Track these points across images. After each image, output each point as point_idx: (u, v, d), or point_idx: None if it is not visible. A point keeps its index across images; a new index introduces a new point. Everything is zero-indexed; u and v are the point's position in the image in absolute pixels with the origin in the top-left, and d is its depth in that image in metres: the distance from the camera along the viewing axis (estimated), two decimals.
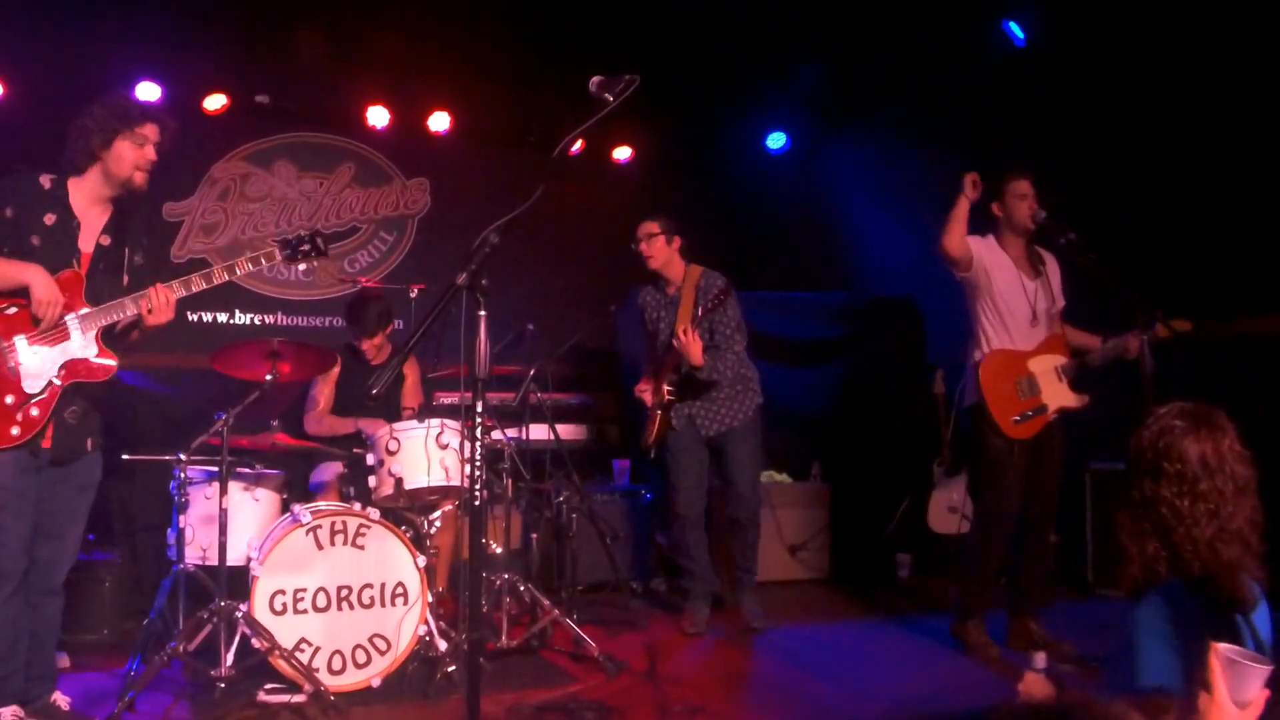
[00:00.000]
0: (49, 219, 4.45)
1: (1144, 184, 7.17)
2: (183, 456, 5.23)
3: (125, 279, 4.60)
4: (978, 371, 5.97)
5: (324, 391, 6.51)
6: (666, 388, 6.58)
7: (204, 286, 4.58)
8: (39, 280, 4.29)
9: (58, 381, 4.35)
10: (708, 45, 8.76)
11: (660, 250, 6.69)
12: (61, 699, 4.71)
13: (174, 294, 4.48)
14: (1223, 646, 2.19)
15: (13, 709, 4.39)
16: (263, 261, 4.74)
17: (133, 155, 4.51)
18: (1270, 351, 6.53)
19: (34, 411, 4.31)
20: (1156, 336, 5.59)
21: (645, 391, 6.68)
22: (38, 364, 4.33)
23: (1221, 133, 6.75)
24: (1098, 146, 7.44)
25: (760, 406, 6.78)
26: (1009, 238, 6.05)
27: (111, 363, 4.46)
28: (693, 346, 6.27)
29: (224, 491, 5.03)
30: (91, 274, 4.50)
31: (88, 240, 4.53)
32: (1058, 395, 5.88)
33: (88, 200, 4.55)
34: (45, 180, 4.51)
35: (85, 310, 4.41)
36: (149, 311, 4.44)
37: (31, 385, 4.31)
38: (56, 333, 4.35)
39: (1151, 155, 7.10)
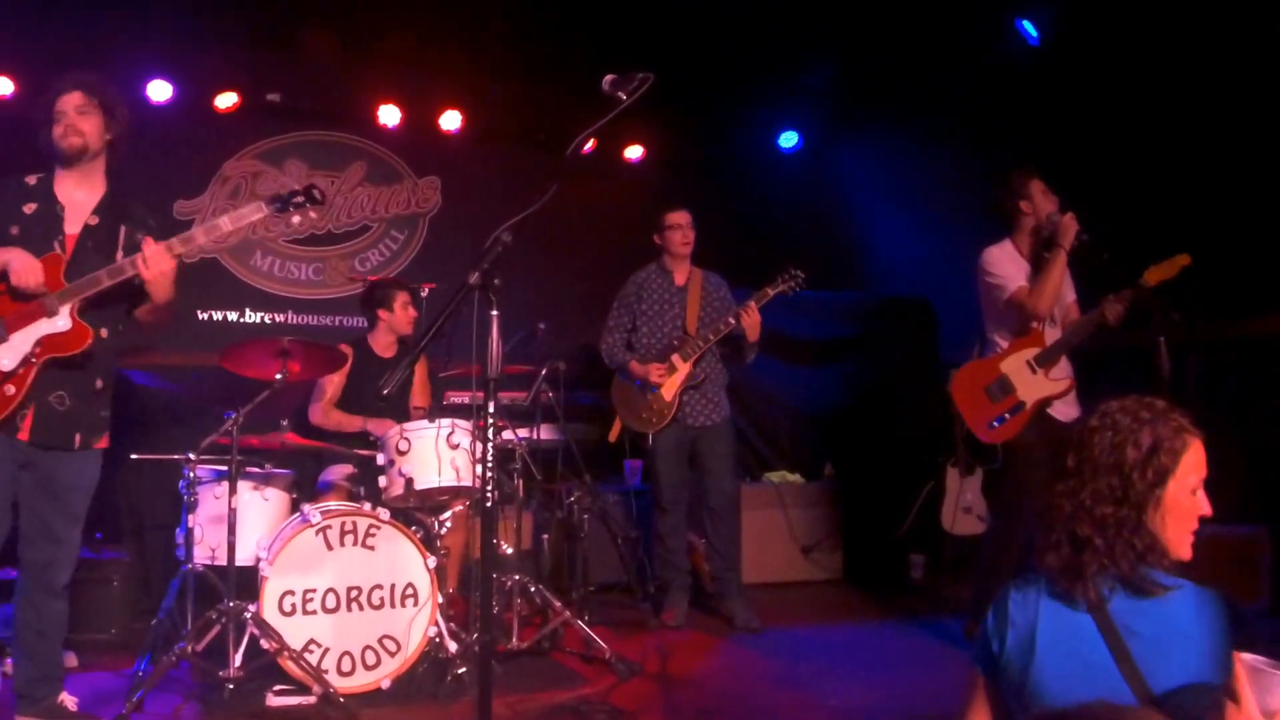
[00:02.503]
0: (29, 208, 4.44)
1: (1153, 183, 7.12)
2: (192, 456, 5.22)
3: (120, 256, 4.51)
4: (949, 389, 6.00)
5: (333, 381, 6.47)
6: (693, 370, 6.68)
7: (184, 248, 4.47)
8: (16, 255, 4.27)
9: (34, 359, 4.29)
10: (719, 44, 8.73)
11: (692, 240, 6.89)
12: (69, 699, 4.67)
13: (171, 249, 4.41)
14: (1247, 656, 2.13)
15: None
16: (248, 218, 4.68)
17: (54, 131, 4.45)
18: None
19: (10, 389, 4.26)
20: (1146, 288, 5.48)
21: (661, 374, 6.67)
22: (14, 343, 4.28)
23: (1230, 132, 6.70)
24: (1108, 146, 7.39)
25: (732, 406, 7.02)
26: (1024, 239, 6.00)
27: (85, 334, 4.36)
28: (759, 323, 6.55)
29: (233, 491, 5.01)
30: (78, 254, 4.44)
31: (74, 223, 4.50)
32: (1034, 388, 5.79)
33: (72, 185, 4.53)
34: (31, 179, 4.51)
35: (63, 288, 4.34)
36: (144, 265, 4.35)
37: (6, 363, 4.26)
38: (32, 310, 4.30)
39: (1161, 154, 7.05)
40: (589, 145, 8.79)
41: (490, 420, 3.53)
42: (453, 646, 5.30)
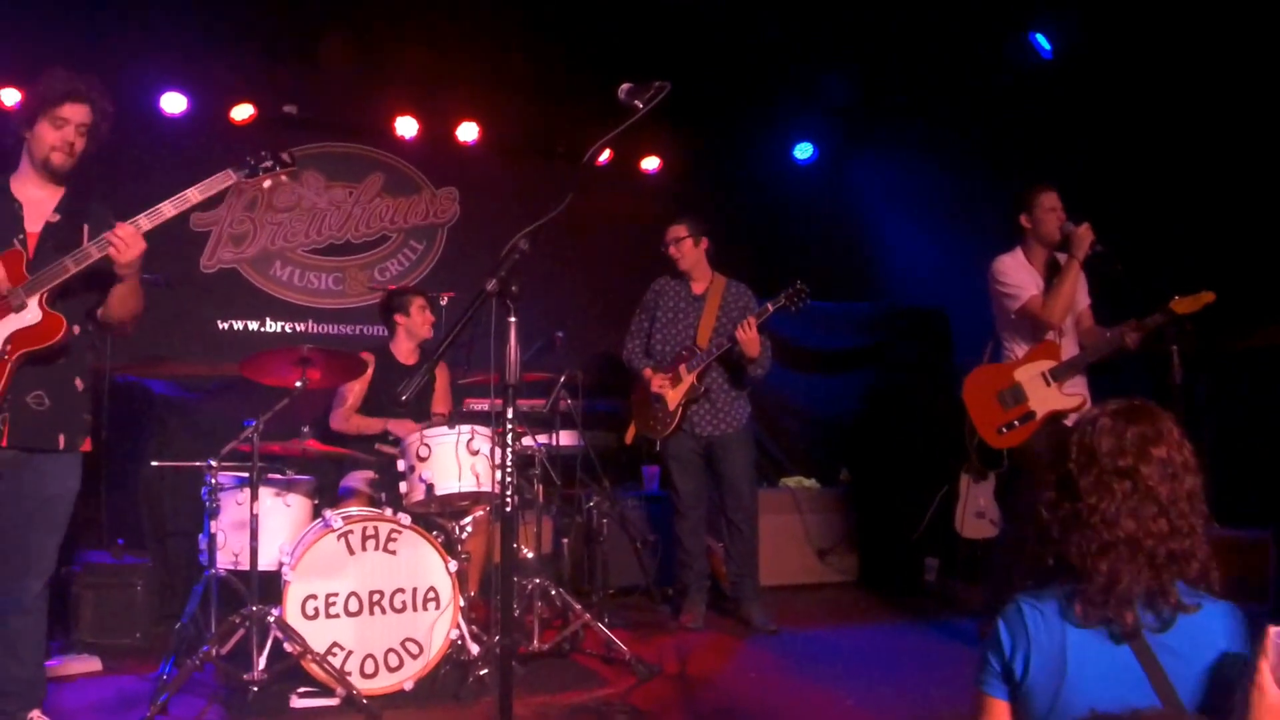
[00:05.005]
0: None
1: (1166, 194, 7.13)
2: (213, 463, 5.26)
3: None
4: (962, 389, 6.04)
5: (354, 389, 6.52)
6: (696, 383, 6.69)
7: (151, 223, 4.24)
8: None
9: (6, 355, 4.09)
10: (736, 56, 8.78)
11: (688, 252, 6.88)
12: (39, 718, 4.43)
13: (139, 226, 4.20)
14: (1275, 629, 2.09)
15: None
16: (217, 185, 4.41)
17: (50, 136, 4.26)
18: None
19: None
20: (1174, 316, 5.50)
21: (665, 386, 6.73)
22: None
23: (1241, 144, 6.71)
24: (1121, 157, 7.41)
25: (751, 415, 6.98)
26: (1035, 249, 6.04)
27: (58, 324, 4.16)
28: (755, 340, 6.48)
29: (255, 497, 5.06)
30: (40, 251, 4.24)
31: (35, 221, 4.30)
32: (1046, 400, 5.82)
33: (31, 185, 4.35)
34: None
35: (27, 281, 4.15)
36: (118, 247, 4.16)
37: None
38: None
39: (1174, 165, 7.06)
40: (605, 156, 8.97)
41: (510, 426, 3.58)
42: (474, 649, 5.36)
